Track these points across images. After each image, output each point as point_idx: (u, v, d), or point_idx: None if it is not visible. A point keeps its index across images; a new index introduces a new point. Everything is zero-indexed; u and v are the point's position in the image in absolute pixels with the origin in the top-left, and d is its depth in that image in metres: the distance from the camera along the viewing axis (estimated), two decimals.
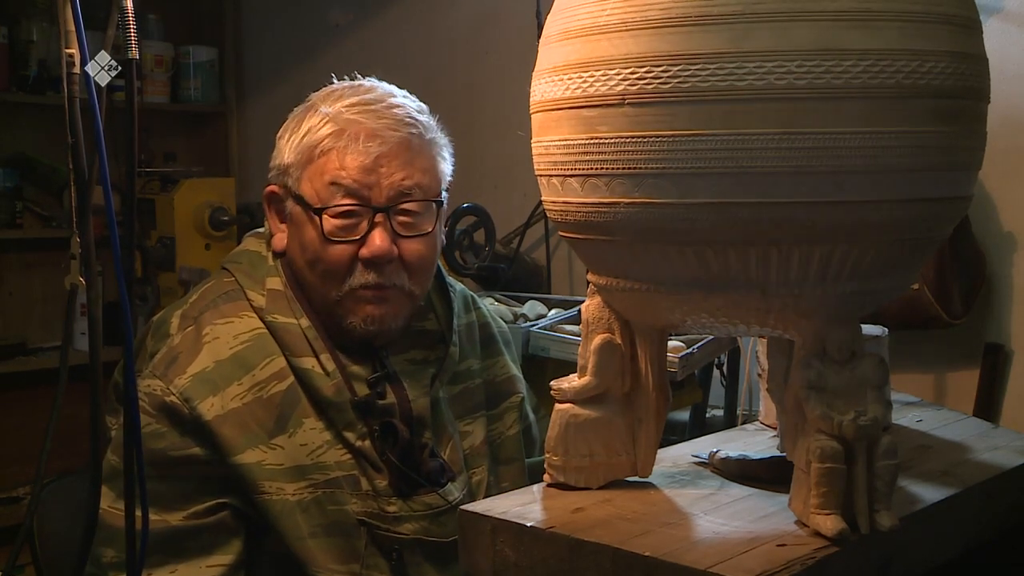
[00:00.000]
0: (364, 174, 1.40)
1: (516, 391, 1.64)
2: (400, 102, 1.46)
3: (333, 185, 1.40)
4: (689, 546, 0.99)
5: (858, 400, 1.01)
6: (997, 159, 1.27)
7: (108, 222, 1.07)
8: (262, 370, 1.40)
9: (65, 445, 1.40)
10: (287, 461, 1.38)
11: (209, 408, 1.36)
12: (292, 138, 1.44)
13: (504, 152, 2.96)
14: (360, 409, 1.41)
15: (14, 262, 3.62)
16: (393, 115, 1.43)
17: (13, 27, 3.44)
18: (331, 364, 1.42)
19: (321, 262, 1.42)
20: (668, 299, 1.05)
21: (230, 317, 1.43)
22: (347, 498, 1.39)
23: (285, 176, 1.45)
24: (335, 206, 1.40)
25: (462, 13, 3.20)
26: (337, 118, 1.42)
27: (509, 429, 1.61)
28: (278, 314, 1.43)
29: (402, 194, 1.42)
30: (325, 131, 1.41)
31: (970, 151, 1.04)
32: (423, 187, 1.44)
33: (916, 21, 0.96)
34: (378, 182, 1.40)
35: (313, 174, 1.42)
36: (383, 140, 1.40)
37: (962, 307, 2.09)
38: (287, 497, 1.37)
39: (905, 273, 1.06)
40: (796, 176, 0.95)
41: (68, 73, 1.07)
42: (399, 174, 1.41)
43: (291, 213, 1.46)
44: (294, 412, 1.40)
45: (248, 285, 1.45)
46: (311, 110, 1.45)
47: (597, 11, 1.01)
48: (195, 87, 3.89)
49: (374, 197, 1.41)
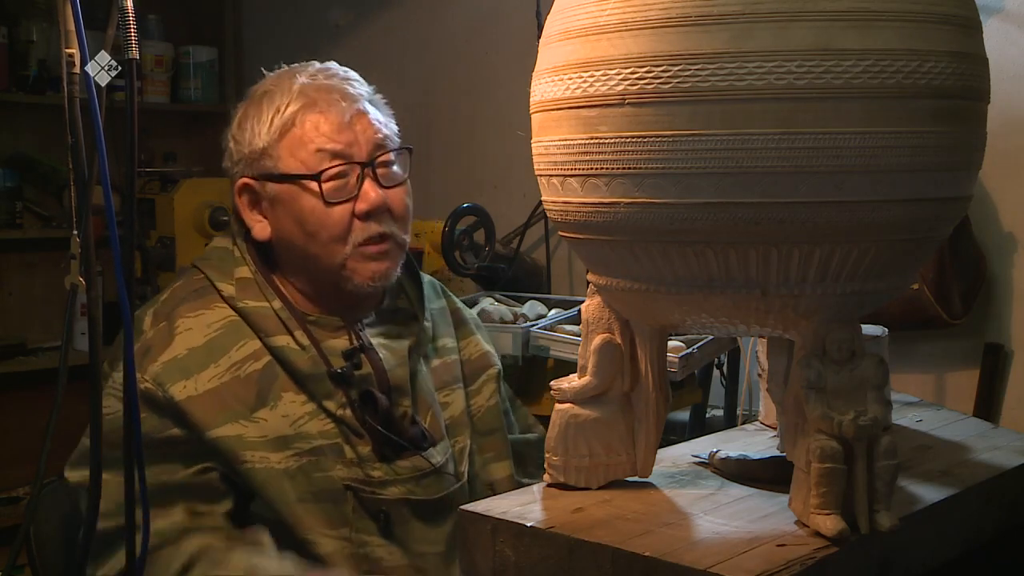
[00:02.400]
0: (343, 134, 1.47)
1: (491, 364, 1.69)
2: (344, 69, 1.55)
3: (320, 152, 1.46)
4: (689, 546, 0.99)
5: (858, 400, 1.01)
6: (997, 159, 1.27)
7: (108, 222, 1.07)
8: (238, 351, 1.44)
9: (65, 445, 1.40)
10: (270, 432, 1.42)
11: (181, 390, 1.40)
12: (257, 125, 1.49)
13: (504, 152, 2.96)
14: (337, 380, 1.45)
15: (14, 262, 3.61)
16: (347, 79, 1.52)
17: (13, 27, 3.44)
18: (305, 339, 1.46)
19: (324, 228, 1.46)
20: (668, 299, 1.05)
21: (201, 309, 1.47)
22: (332, 465, 1.43)
23: (261, 160, 1.49)
24: (328, 169, 1.46)
25: (462, 13, 3.20)
26: (304, 91, 1.48)
27: (488, 400, 1.66)
28: (249, 299, 1.48)
29: (378, 146, 1.49)
30: (295, 106, 1.47)
31: (970, 151, 1.04)
32: (391, 138, 1.52)
33: (916, 21, 0.96)
34: (356, 139, 1.47)
35: (295, 147, 1.47)
36: (352, 99, 1.49)
37: (962, 307, 2.09)
38: (272, 465, 1.40)
39: (905, 273, 1.06)
40: (796, 176, 0.95)
41: (68, 73, 1.07)
42: (371, 129, 1.49)
43: (275, 195, 1.49)
44: (273, 387, 1.44)
45: (217, 278, 1.50)
46: (267, 95, 1.50)
47: (597, 11, 1.01)
48: (195, 87, 3.89)
49: (356, 154, 1.47)
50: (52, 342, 3.57)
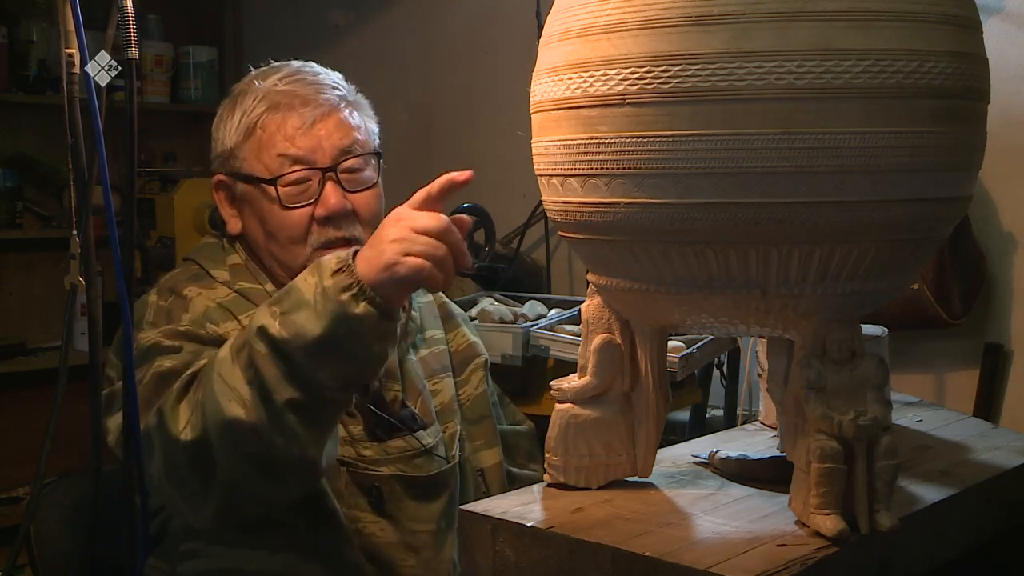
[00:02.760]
0: (306, 139, 1.48)
1: (478, 354, 1.71)
2: (320, 71, 1.56)
3: (280, 156, 1.48)
4: (689, 546, 0.99)
5: (858, 400, 1.01)
6: (997, 159, 1.27)
7: (108, 222, 1.07)
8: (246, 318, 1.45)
9: (65, 445, 1.40)
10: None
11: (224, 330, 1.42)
12: (228, 125, 1.52)
13: (504, 152, 2.96)
14: None
15: (14, 262, 3.61)
16: (319, 81, 1.53)
17: (13, 27, 3.44)
18: None
19: (283, 229, 1.49)
20: (668, 299, 1.05)
21: (203, 288, 1.50)
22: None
23: (230, 160, 1.52)
24: (286, 174, 1.47)
25: (462, 13, 3.20)
26: (270, 94, 1.50)
27: (476, 388, 1.68)
28: (243, 282, 1.51)
29: (343, 152, 1.50)
30: (260, 108, 1.50)
31: (970, 151, 1.04)
32: (359, 143, 1.52)
33: (916, 21, 0.96)
34: (320, 144, 1.48)
35: (258, 150, 1.49)
36: (316, 104, 1.49)
37: (962, 307, 2.09)
38: None
39: (905, 273, 1.06)
40: (796, 176, 0.95)
41: (68, 73, 1.07)
42: (336, 134, 1.50)
43: (243, 194, 1.52)
44: None
45: (210, 266, 1.53)
46: (241, 95, 1.53)
47: (597, 11, 1.01)
48: (195, 87, 3.89)
49: (319, 159, 1.48)
50: (52, 342, 3.58)
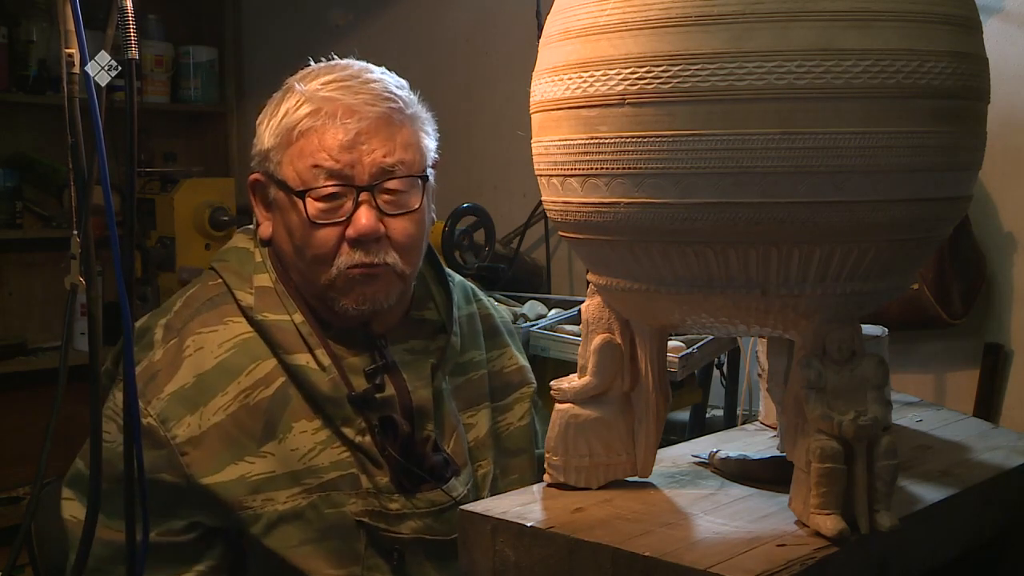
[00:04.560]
0: (344, 153, 1.36)
1: (527, 381, 1.60)
2: (377, 77, 1.41)
3: (315, 167, 1.36)
4: (689, 546, 0.99)
5: (858, 400, 1.01)
6: (997, 159, 1.28)
7: (108, 222, 1.07)
8: (247, 376, 1.37)
9: (65, 445, 1.39)
10: (278, 467, 1.35)
11: (186, 429, 1.33)
12: (271, 122, 1.41)
13: (504, 152, 2.96)
14: (358, 404, 1.38)
15: (14, 262, 3.62)
16: (370, 90, 1.39)
17: (13, 27, 3.44)
18: (326, 359, 1.38)
19: (308, 247, 1.38)
20: (668, 299, 1.05)
21: (214, 325, 1.40)
22: (345, 499, 1.36)
23: (266, 162, 1.42)
24: (318, 188, 1.36)
25: (462, 13, 3.20)
26: (313, 97, 1.38)
27: (520, 420, 1.58)
28: (268, 312, 1.40)
29: (385, 171, 1.37)
30: (302, 112, 1.37)
31: (970, 151, 1.04)
32: (406, 163, 1.39)
33: (916, 21, 0.96)
34: (359, 160, 1.36)
35: (293, 157, 1.38)
36: (361, 116, 1.36)
37: (962, 307, 2.10)
38: (276, 507, 1.34)
39: (905, 273, 1.06)
40: (796, 176, 0.95)
41: (68, 73, 1.07)
42: (380, 151, 1.37)
43: (275, 199, 1.42)
44: (283, 416, 1.36)
45: (236, 285, 1.42)
46: (288, 92, 1.41)
47: (597, 11, 1.01)
48: (195, 87, 3.89)
49: (356, 176, 1.36)
50: (52, 342, 3.58)
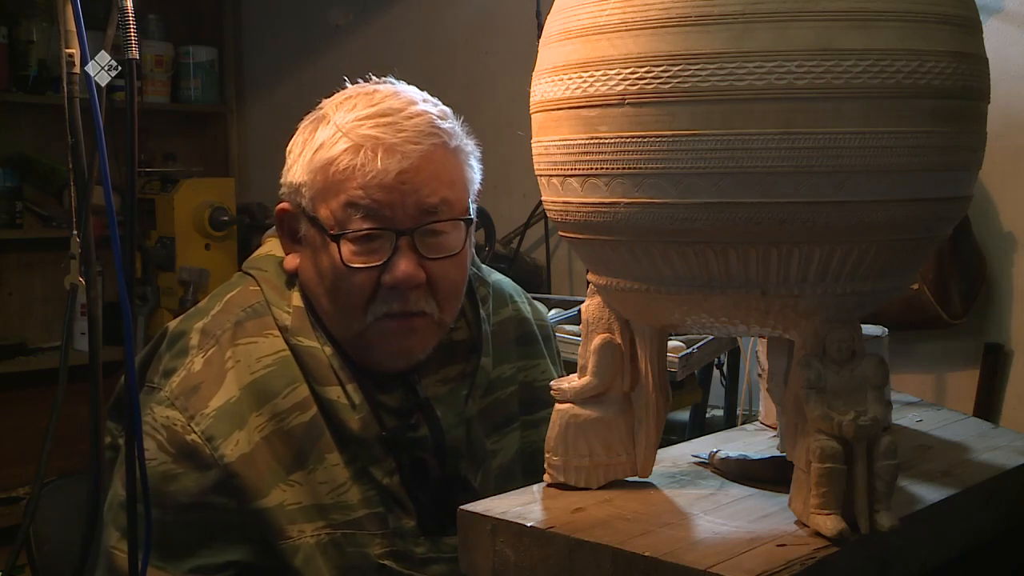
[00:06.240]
0: (384, 193, 1.26)
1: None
2: (420, 109, 1.32)
3: (350, 207, 1.27)
4: (689, 546, 0.99)
5: (858, 400, 1.01)
6: (997, 159, 1.28)
7: (108, 222, 1.07)
8: (284, 399, 1.29)
9: (65, 445, 1.39)
10: (305, 499, 1.28)
11: (234, 447, 1.25)
12: (304, 152, 1.31)
13: (504, 152, 2.95)
14: (388, 444, 1.31)
15: (14, 262, 3.62)
16: (413, 126, 1.29)
17: (13, 27, 3.45)
18: (358, 396, 1.30)
19: (341, 292, 1.29)
20: (668, 299, 1.05)
21: (254, 336, 1.31)
22: (369, 540, 1.30)
23: (297, 196, 1.32)
24: (354, 231, 1.27)
25: (462, 13, 3.20)
26: (352, 132, 1.28)
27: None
28: (303, 336, 1.31)
29: (427, 212, 1.28)
30: (340, 147, 1.28)
31: (970, 151, 1.04)
32: (450, 203, 1.30)
33: (916, 21, 0.96)
34: (400, 201, 1.27)
35: (328, 195, 1.28)
36: (404, 155, 1.27)
37: (962, 307, 2.10)
38: (307, 539, 1.27)
39: (905, 273, 1.06)
40: (796, 176, 0.95)
41: (68, 73, 1.07)
42: (423, 191, 1.28)
43: (306, 235, 1.33)
44: (316, 447, 1.29)
45: (274, 300, 1.34)
46: (323, 121, 1.32)
47: (597, 11, 1.01)
48: (195, 87, 3.89)
49: (396, 218, 1.27)
50: (52, 342, 3.59)
